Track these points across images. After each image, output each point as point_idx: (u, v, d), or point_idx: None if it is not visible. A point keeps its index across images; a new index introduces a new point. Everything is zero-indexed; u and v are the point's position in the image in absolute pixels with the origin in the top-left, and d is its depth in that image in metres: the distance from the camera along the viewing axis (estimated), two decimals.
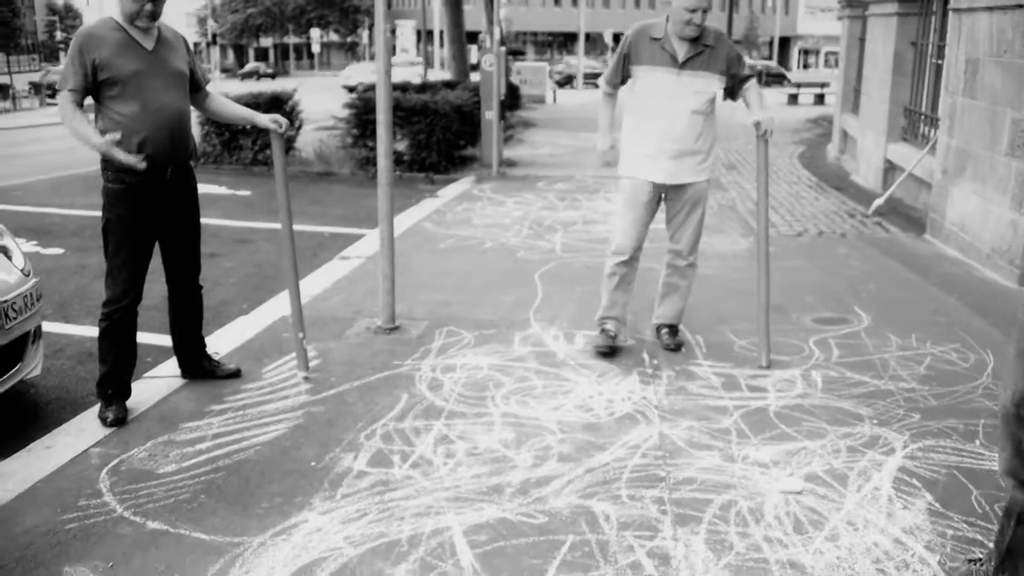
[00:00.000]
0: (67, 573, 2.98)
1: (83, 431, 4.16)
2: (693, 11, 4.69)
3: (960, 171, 8.02)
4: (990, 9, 7.52)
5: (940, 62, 9.65)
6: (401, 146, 13.48)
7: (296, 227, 5.02)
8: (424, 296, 6.36)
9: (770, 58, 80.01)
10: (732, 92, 5.08)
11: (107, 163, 4.17)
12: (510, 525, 3.27)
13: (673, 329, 5.39)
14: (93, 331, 4.60)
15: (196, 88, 4.51)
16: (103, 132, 4.11)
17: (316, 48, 72.48)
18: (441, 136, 13.32)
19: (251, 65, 68.79)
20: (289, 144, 14.43)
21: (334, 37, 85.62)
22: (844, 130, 14.62)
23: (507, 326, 5.72)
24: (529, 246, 8.16)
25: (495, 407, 4.41)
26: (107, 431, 4.14)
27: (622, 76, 5.07)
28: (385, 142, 5.48)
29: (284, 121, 4.64)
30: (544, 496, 3.50)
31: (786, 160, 14.90)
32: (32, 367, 4.60)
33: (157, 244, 4.45)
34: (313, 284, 6.77)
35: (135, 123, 4.12)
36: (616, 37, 76.71)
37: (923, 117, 10.42)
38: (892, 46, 11.03)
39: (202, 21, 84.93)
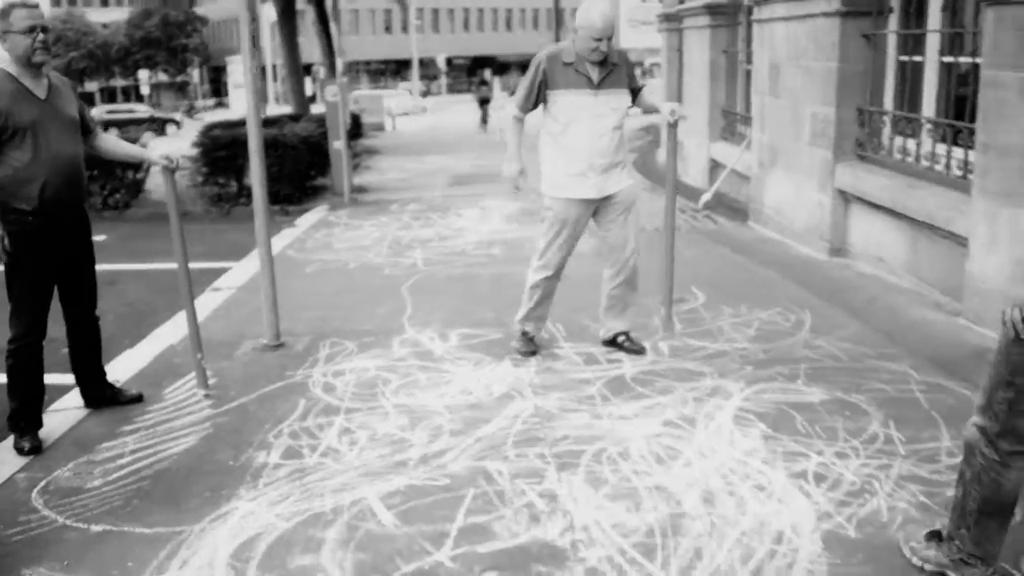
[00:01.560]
0: (24, 574, 3.32)
1: (2, 462, 4.43)
2: (599, 40, 5.03)
3: (773, 162, 8.97)
4: (785, 19, 8.49)
5: (750, 67, 10.65)
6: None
7: (161, 266, 5.38)
8: (302, 315, 6.76)
9: None
10: (633, 100, 5.46)
11: (5, 208, 4.45)
12: (418, 489, 3.79)
13: (628, 335, 5.65)
14: None
15: (86, 131, 4.83)
16: (3, 178, 4.39)
17: (145, 90, 70.76)
18: (292, 168, 13.63)
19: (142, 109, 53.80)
20: (138, 187, 14.47)
21: (163, 77, 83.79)
22: None
23: (385, 333, 6.20)
24: (392, 263, 8.64)
25: (387, 400, 4.90)
26: (26, 459, 4.41)
27: (535, 101, 5.31)
28: (258, 172, 5.93)
29: (175, 157, 5.02)
30: (443, 463, 4.03)
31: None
32: None
33: None
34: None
35: (33, 169, 4.42)
36: (449, 61, 77.84)
37: (739, 117, 11.44)
38: (707, 55, 12.04)
39: None
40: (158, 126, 44.59)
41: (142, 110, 49.07)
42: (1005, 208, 5.29)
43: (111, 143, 5.06)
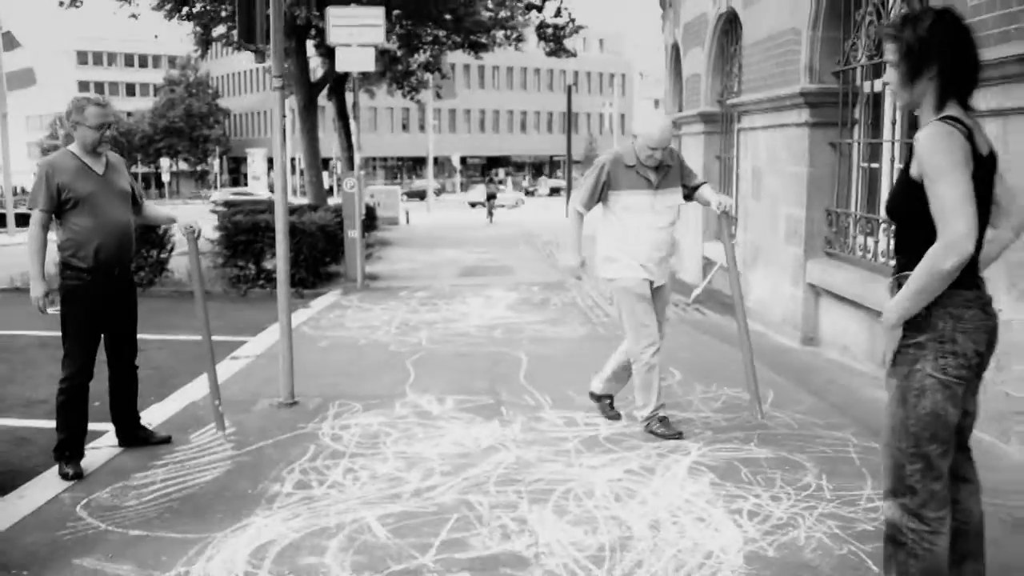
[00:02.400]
0: (75, 563, 3.95)
1: (48, 485, 5.07)
2: (655, 149, 5.57)
3: (755, 260, 9.72)
4: (764, 128, 9.34)
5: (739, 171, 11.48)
6: (271, 264, 14.52)
7: (182, 337, 6.08)
8: (314, 381, 7.42)
9: None
10: (688, 196, 5.95)
11: (65, 266, 5.23)
12: (410, 513, 4.43)
13: (612, 399, 6.22)
14: (17, 422, 5.49)
15: (136, 202, 5.62)
16: (66, 240, 5.20)
17: (166, 177, 72.60)
18: (308, 254, 14.42)
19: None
20: (162, 266, 15.26)
21: (183, 166, 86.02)
22: None
23: (388, 397, 6.86)
24: (399, 341, 9.33)
25: (387, 448, 5.55)
26: (69, 483, 5.05)
27: (598, 199, 5.82)
28: (283, 250, 6.66)
29: (198, 227, 5.78)
30: (433, 496, 4.67)
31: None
32: None
33: None
34: None
35: (90, 233, 5.22)
36: (463, 160, 79.64)
37: (730, 218, 12.20)
38: (701, 159, 12.92)
39: (46, 151, 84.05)
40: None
41: (262, 194, 52.05)
42: None
43: (152, 210, 5.88)
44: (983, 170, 2.89)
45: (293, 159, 51.32)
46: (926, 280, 2.79)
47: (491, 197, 39.93)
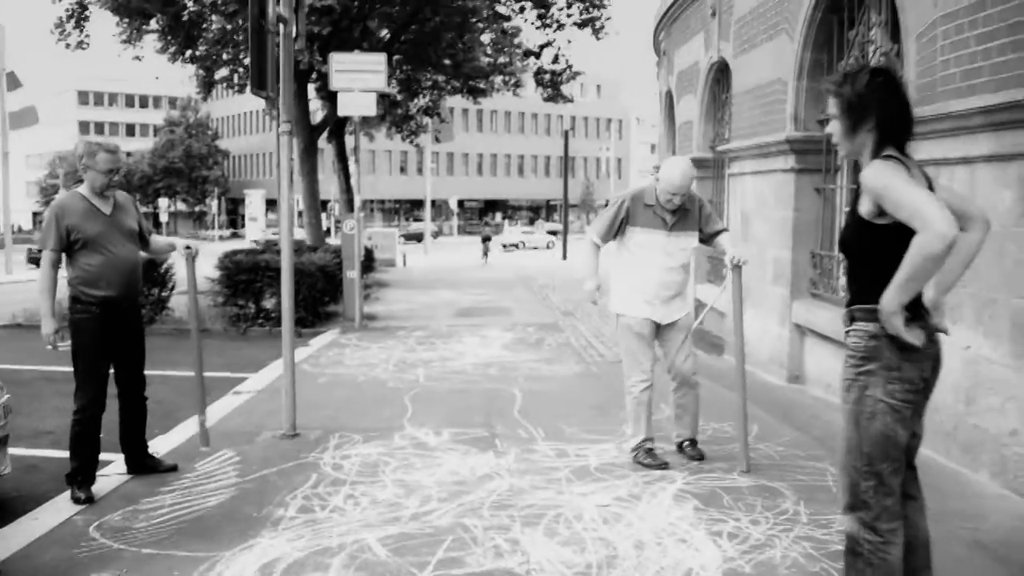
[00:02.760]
0: None
1: (60, 509, 5.29)
2: (674, 194, 5.78)
3: (744, 301, 9.97)
4: (752, 174, 9.67)
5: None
6: (270, 303, 14.79)
7: (183, 373, 6.36)
8: (314, 414, 7.65)
9: None
10: (705, 241, 6.12)
11: (75, 300, 5.50)
12: (408, 535, 4.67)
13: (693, 442, 6.22)
14: (25, 451, 5.85)
15: (143, 239, 5.89)
16: (75, 277, 5.46)
17: (164, 217, 72.95)
18: (308, 293, 14.68)
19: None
20: (163, 305, 15.52)
21: (182, 206, 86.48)
22: None
23: (387, 429, 7.10)
24: (396, 378, 9.57)
25: (386, 476, 5.79)
26: (81, 507, 5.28)
27: (615, 234, 6.04)
28: (288, 289, 6.93)
29: (195, 248, 6.04)
30: (430, 520, 4.91)
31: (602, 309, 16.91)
32: (4, 466, 5.70)
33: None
34: (217, 410, 7.97)
35: (99, 271, 5.49)
36: (460, 203, 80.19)
37: (721, 261, 12.53)
38: None
39: (44, 191, 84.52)
40: None
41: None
42: None
43: (157, 242, 6.09)
44: None
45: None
46: (919, 265, 2.94)
47: (486, 239, 40.91)
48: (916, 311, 3.18)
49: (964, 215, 3.34)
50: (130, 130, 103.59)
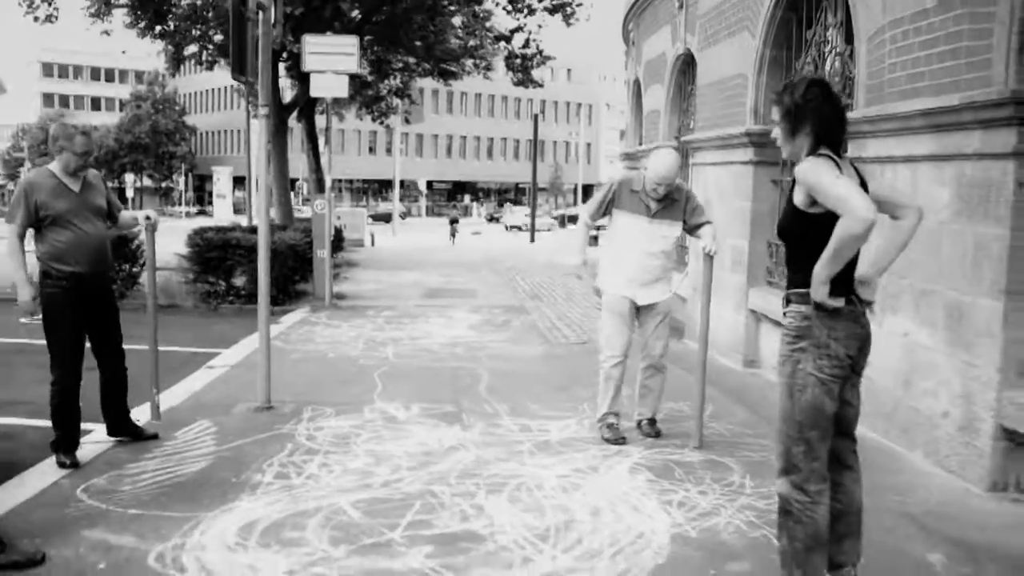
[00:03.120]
0: (83, 535, 4.46)
1: (45, 473, 5.54)
2: (658, 184, 6.09)
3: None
4: (713, 164, 10.03)
5: None
6: (240, 281, 14.99)
7: (159, 348, 6.58)
8: (287, 390, 7.91)
9: (575, 203, 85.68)
10: (689, 232, 6.41)
11: (45, 275, 5.67)
12: (379, 500, 4.98)
13: (652, 420, 6.55)
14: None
15: (112, 216, 6.05)
16: (43, 252, 5.63)
17: (130, 193, 72.39)
18: (279, 272, 14.86)
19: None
20: (134, 280, 15.66)
21: (148, 182, 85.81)
22: None
23: (358, 404, 7.40)
24: (366, 355, 9.86)
25: (358, 447, 6.09)
26: (66, 471, 5.54)
27: (603, 213, 6.39)
28: (265, 266, 7.20)
29: (154, 216, 6.29)
30: (400, 486, 5.23)
31: (584, 289, 17.28)
32: None
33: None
34: (192, 384, 8.23)
35: (67, 246, 5.64)
36: (429, 184, 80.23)
37: (682, 248, 12.91)
38: None
39: (8, 163, 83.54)
40: None
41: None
42: None
43: (123, 218, 6.21)
44: None
45: (259, 178, 51.59)
46: (843, 243, 3.31)
47: (454, 221, 41.69)
48: (847, 288, 3.54)
49: (898, 205, 3.75)
50: (95, 104, 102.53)
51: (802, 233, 3.58)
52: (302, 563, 4.17)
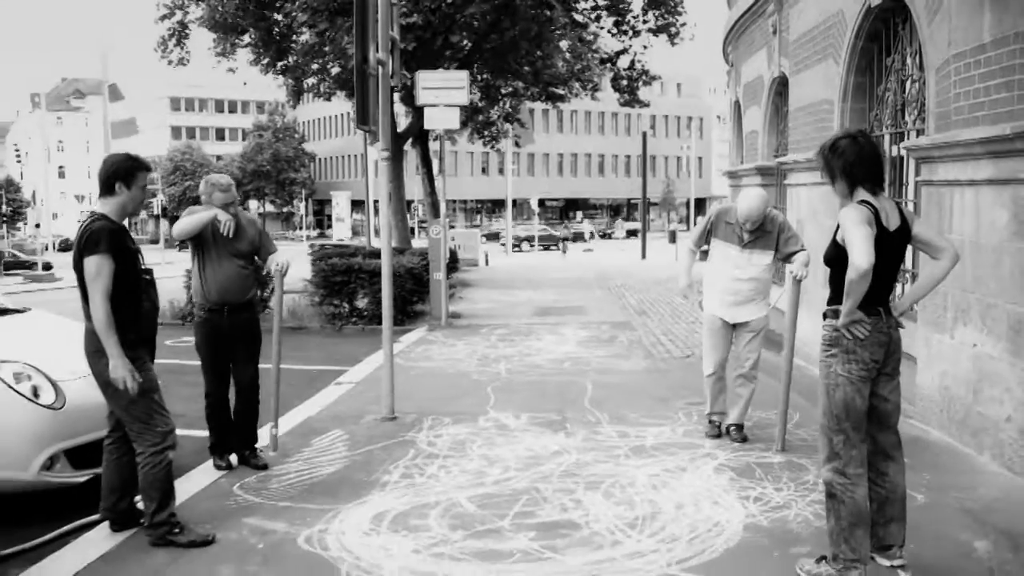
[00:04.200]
0: (244, 521, 5.33)
1: (206, 473, 6.46)
2: (744, 222, 6.67)
3: (800, 301, 10.81)
4: (805, 185, 10.51)
5: None
6: (362, 303, 16.03)
7: (288, 366, 7.34)
8: (409, 402, 8.75)
9: (688, 217, 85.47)
10: (784, 260, 6.89)
11: (198, 307, 6.48)
12: (491, 495, 5.73)
13: (740, 427, 7.11)
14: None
15: (264, 253, 6.69)
16: (194, 285, 6.52)
17: None
18: (397, 293, 15.83)
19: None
20: (264, 304, 16.85)
21: (270, 208, 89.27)
22: None
23: (473, 414, 8.18)
24: (480, 371, 10.65)
25: (473, 452, 6.86)
26: (222, 472, 6.44)
27: (705, 240, 7.02)
28: (388, 289, 8.05)
29: (285, 265, 6.69)
30: (509, 484, 5.98)
31: (690, 305, 17.80)
32: None
33: None
34: (322, 399, 9.15)
35: (210, 279, 6.37)
36: (541, 202, 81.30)
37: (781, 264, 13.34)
38: None
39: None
40: None
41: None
42: (935, 334, 7.11)
43: (268, 262, 6.76)
44: (894, 238, 4.15)
45: (376, 201, 53.28)
46: (849, 283, 4.04)
47: (564, 240, 43.09)
48: (870, 309, 4.18)
49: (934, 246, 4.35)
50: (220, 134, 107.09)
51: (839, 262, 4.20)
52: (425, 544, 4.94)
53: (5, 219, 76.26)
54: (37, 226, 57.33)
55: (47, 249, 54.48)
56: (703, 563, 4.63)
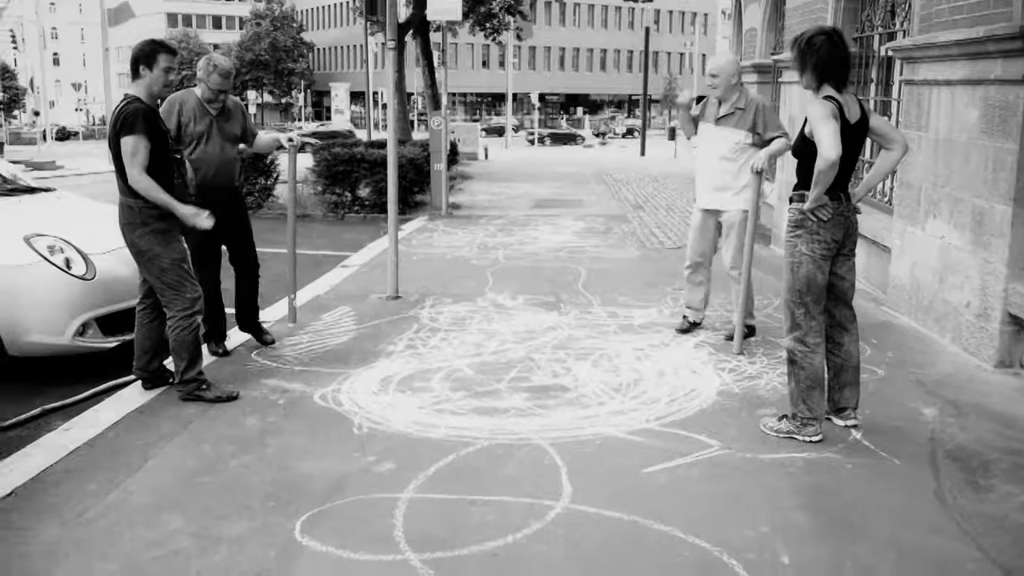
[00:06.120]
0: (263, 383, 5.85)
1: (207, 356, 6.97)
2: (709, 74, 6.61)
3: (785, 196, 11.24)
4: (796, 83, 10.80)
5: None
6: (364, 192, 16.42)
7: (295, 250, 7.57)
8: (411, 284, 9.24)
9: None
10: (763, 145, 6.53)
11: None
12: (489, 363, 6.26)
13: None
14: None
15: (246, 140, 6.77)
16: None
17: (252, 109, 74.94)
18: (399, 184, 16.23)
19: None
20: (268, 193, 17.23)
21: (268, 98, 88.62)
22: None
23: (472, 295, 8.68)
24: (479, 257, 11.13)
25: (473, 327, 7.38)
26: (239, 348, 6.92)
27: (697, 112, 6.93)
28: (393, 177, 8.45)
29: (298, 139, 6.94)
30: (505, 353, 6.51)
31: (684, 198, 18.21)
32: None
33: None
34: (331, 279, 9.64)
35: (197, 164, 6.23)
36: (542, 97, 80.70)
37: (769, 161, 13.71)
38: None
39: None
40: None
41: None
42: (908, 227, 7.56)
43: (261, 140, 6.80)
44: (855, 130, 4.56)
45: (376, 93, 52.98)
46: (819, 171, 4.43)
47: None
48: (834, 193, 4.59)
49: (887, 137, 4.76)
50: (216, 22, 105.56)
51: (807, 154, 4.61)
52: (428, 402, 5.48)
53: (2, 106, 75.49)
54: (36, 114, 56.80)
55: (45, 139, 54.05)
56: (678, 420, 5.17)
